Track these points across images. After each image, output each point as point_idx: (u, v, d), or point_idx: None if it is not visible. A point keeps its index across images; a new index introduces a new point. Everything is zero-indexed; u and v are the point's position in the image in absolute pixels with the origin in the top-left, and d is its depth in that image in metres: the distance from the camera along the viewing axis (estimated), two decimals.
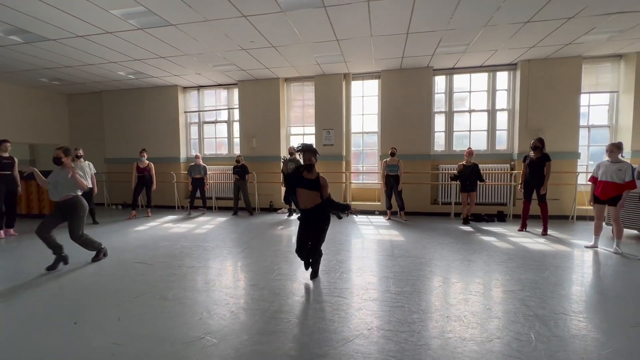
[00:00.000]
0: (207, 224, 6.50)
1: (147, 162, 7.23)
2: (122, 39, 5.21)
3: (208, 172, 7.64)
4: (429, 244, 4.78)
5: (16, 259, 4.33)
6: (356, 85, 7.78)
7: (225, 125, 8.62)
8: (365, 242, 4.98)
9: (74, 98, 9.28)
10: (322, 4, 4.12)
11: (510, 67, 6.84)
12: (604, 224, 4.69)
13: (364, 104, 7.86)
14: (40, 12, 4.27)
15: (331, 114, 7.53)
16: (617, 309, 2.72)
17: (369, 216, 7.14)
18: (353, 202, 7.61)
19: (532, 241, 4.93)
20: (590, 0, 4.15)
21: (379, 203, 7.49)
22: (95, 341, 2.29)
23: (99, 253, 4.13)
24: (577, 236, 5.24)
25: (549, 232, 5.37)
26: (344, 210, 3.20)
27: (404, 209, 6.71)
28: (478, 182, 6.12)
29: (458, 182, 6.22)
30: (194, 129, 8.85)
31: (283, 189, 8.06)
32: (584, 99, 6.62)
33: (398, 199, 6.65)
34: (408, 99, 7.13)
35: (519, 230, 5.61)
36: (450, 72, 7.15)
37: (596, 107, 6.80)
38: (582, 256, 4.19)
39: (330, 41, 5.44)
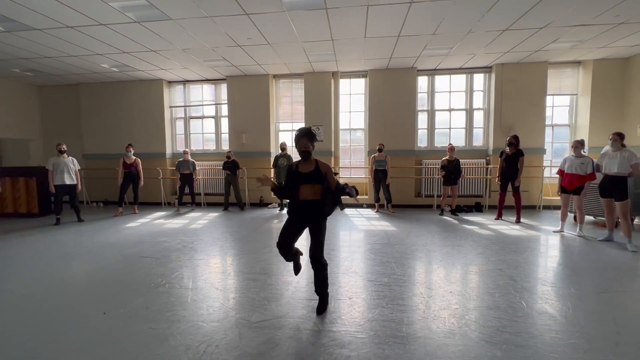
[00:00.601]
0: (199, 219, 6.51)
1: (133, 157, 7.07)
2: (115, 32, 5.10)
3: (197, 168, 7.61)
4: (420, 232, 5.18)
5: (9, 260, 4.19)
6: (343, 83, 8.05)
7: (212, 121, 8.57)
8: (360, 232, 5.29)
9: (46, 90, 8.76)
10: (325, 5, 4.33)
11: (486, 69, 7.43)
12: (568, 211, 5.32)
13: (351, 102, 8.17)
14: (34, 2, 4.12)
15: (321, 110, 7.76)
16: (586, 280, 3.21)
17: (358, 209, 7.48)
18: (343, 196, 7.89)
19: (508, 228, 5.49)
20: (559, 14, 4.69)
21: (366, 196, 7.85)
22: (131, 328, 2.39)
23: None
24: (545, 223, 5.89)
25: (522, 219, 5.98)
26: (351, 194, 2.56)
27: (391, 201, 7.11)
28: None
29: (441, 175, 6.70)
30: (179, 124, 8.71)
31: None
32: (549, 100, 7.35)
33: (386, 192, 7.04)
34: (394, 98, 7.52)
35: (495, 219, 6.18)
36: (432, 73, 7.63)
37: (558, 108, 7.57)
38: (552, 239, 4.78)
39: (326, 41, 5.66)
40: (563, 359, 1.97)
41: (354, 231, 5.37)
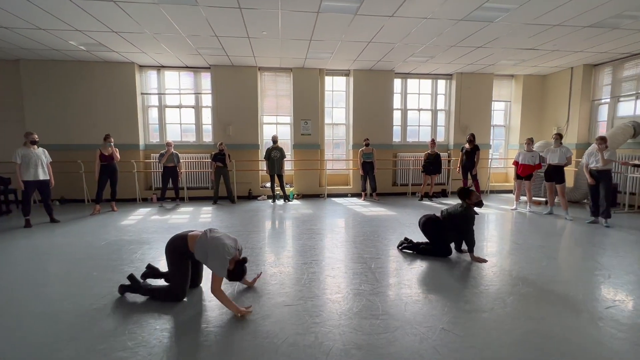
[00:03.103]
0: (197, 213, 6.31)
1: (112, 148, 6.37)
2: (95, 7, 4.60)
3: (180, 161, 7.21)
4: (412, 215, 6.05)
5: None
6: (327, 80, 8.50)
7: (192, 111, 8.11)
8: (365, 217, 5.93)
9: None
10: (356, 12, 4.76)
11: (448, 77, 8.76)
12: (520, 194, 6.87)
13: (333, 98, 8.68)
14: None
15: (309, 105, 8.09)
16: (529, 239, 4.46)
17: (344, 198, 8.12)
18: (328, 187, 8.43)
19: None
20: (515, 41, 6.01)
21: (350, 187, 8.54)
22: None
23: None
24: (497, 203, 7.43)
25: None
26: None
27: (376, 190, 7.94)
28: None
29: (422, 167, 7.80)
30: (152, 113, 8.00)
31: (262, 176, 8.26)
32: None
33: (372, 182, 7.83)
34: (374, 97, 8.30)
35: None
36: (405, 76, 8.65)
37: (497, 112, 9.39)
38: (508, 215, 6.18)
39: (334, 41, 6.06)
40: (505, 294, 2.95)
41: (357, 216, 5.98)
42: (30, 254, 3.93)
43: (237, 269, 2.42)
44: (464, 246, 3.77)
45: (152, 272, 3.05)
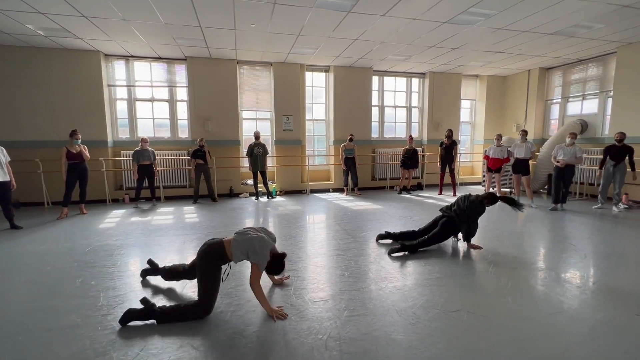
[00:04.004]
0: (179, 213, 5.99)
1: (80, 146, 5.79)
2: None
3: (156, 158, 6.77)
4: (398, 208, 6.34)
5: None
6: (307, 76, 8.47)
7: (166, 105, 7.61)
8: (354, 211, 6.09)
9: None
10: (350, 9, 4.81)
11: (421, 75, 9.19)
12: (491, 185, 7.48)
13: (313, 94, 8.69)
14: None
15: (290, 100, 8.01)
16: (500, 224, 4.97)
17: (326, 194, 8.22)
18: (311, 182, 8.45)
19: (452, 199, 7.27)
20: (484, 43, 6.51)
21: (332, 182, 8.65)
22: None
23: None
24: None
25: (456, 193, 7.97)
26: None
27: (358, 185, 8.14)
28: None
29: (400, 162, 8.14)
30: (121, 107, 7.38)
31: (243, 172, 8.04)
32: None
33: (354, 177, 8.00)
34: (354, 93, 8.45)
35: (438, 194, 8.00)
36: (382, 74, 8.91)
37: (464, 109, 10.07)
38: None
39: (322, 37, 6.06)
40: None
41: (348, 210, 6.13)
42: (7, 264, 3.47)
43: (276, 263, 2.39)
44: (460, 235, 4.05)
45: (152, 268, 2.95)
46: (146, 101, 7.52)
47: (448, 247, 3.97)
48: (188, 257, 3.58)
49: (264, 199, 7.47)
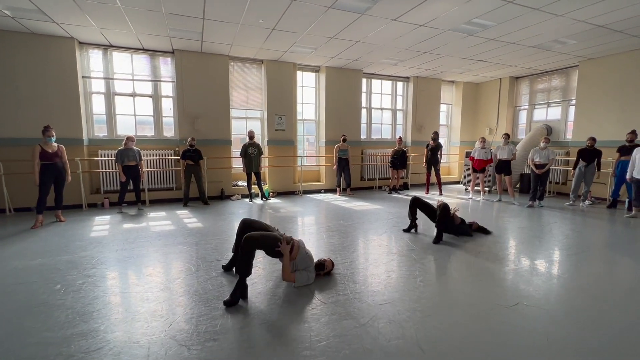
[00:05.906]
0: (174, 218, 5.57)
1: (56, 144, 5.11)
2: None
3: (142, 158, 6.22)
4: (396, 207, 6.54)
5: None
6: (298, 75, 8.35)
7: (149, 101, 7.00)
8: (357, 212, 6.16)
9: None
10: (364, 11, 4.85)
11: (406, 79, 9.56)
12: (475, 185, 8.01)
13: (303, 94, 8.59)
14: None
15: (283, 100, 7.84)
16: (485, 220, 5.45)
17: (319, 194, 8.19)
18: (304, 183, 8.35)
19: (439, 198, 7.69)
20: (467, 52, 6.99)
21: (323, 183, 8.63)
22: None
23: None
24: (452, 193, 8.53)
25: (442, 192, 8.42)
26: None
27: (350, 185, 8.22)
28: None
29: (390, 163, 8.37)
30: (97, 102, 6.63)
31: (233, 173, 7.69)
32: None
33: (347, 177, 8.08)
34: (345, 94, 8.53)
35: (425, 194, 8.38)
36: (371, 76, 9.10)
37: (442, 113, 10.67)
38: (465, 202, 7.21)
39: (325, 37, 6.01)
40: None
41: (346, 211, 6.18)
42: (9, 279, 2.95)
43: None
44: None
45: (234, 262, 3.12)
46: (127, 96, 6.85)
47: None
48: (226, 255, 3.34)
49: (258, 200, 7.23)
